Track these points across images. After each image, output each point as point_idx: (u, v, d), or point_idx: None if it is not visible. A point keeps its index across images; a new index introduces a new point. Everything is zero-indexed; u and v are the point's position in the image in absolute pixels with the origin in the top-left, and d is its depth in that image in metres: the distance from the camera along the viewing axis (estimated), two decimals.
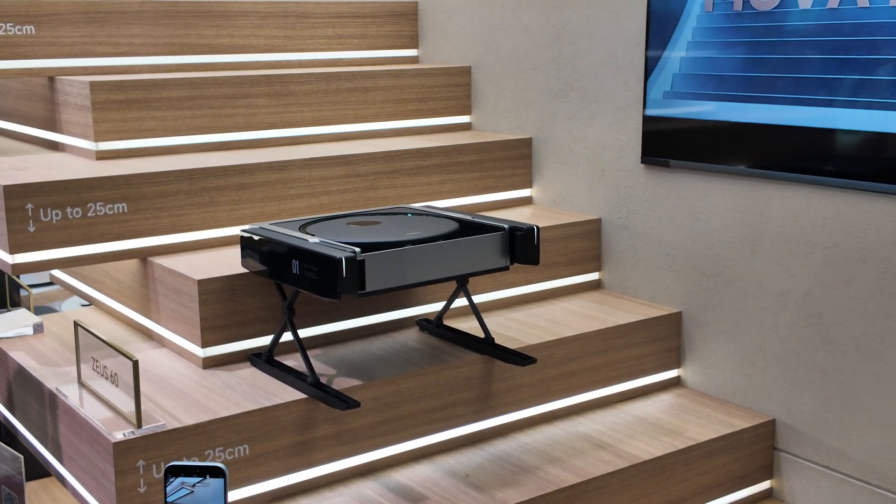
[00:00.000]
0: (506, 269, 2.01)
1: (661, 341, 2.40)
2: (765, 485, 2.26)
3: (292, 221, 2.09)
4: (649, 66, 2.37)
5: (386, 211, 2.21)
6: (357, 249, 1.78)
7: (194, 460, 1.76)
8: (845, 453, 2.10)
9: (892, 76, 1.91)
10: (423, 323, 2.29)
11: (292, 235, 1.92)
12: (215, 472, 1.39)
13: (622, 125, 2.48)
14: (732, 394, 2.32)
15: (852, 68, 1.97)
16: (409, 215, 2.16)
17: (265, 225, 2.04)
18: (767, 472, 2.25)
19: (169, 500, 1.41)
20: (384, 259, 1.81)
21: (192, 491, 1.40)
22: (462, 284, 2.14)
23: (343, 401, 1.86)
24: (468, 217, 2.10)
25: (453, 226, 2.04)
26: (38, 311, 3.19)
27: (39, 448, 2.11)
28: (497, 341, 2.15)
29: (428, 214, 2.17)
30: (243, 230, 2.02)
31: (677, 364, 2.44)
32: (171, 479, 1.40)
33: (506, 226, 2.00)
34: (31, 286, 2.91)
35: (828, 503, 2.15)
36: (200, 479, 1.39)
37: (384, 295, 2.23)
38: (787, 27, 2.08)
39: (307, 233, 1.96)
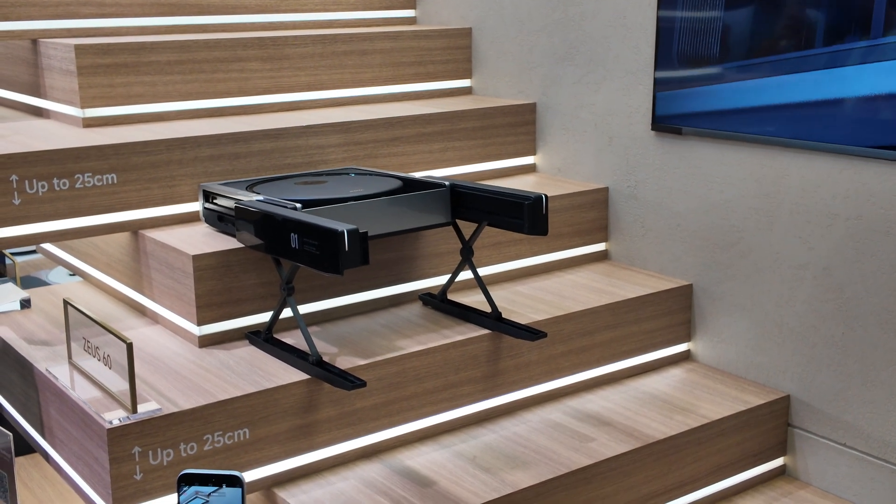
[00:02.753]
0: (448, 224, 2.05)
1: (672, 315, 2.32)
2: (778, 462, 2.20)
3: (241, 181, 2.12)
4: (661, 28, 2.27)
5: (332, 172, 2.24)
6: (298, 206, 1.84)
7: (192, 446, 1.68)
8: (863, 430, 2.04)
9: None
10: (426, 297, 2.20)
11: (242, 196, 1.95)
12: (232, 481, 1.30)
13: (632, 90, 2.38)
14: (746, 369, 2.25)
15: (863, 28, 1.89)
16: (353, 175, 2.20)
17: (212, 184, 2.08)
18: (781, 449, 2.19)
19: None
20: (327, 215, 1.86)
21: (207, 501, 1.31)
22: (467, 256, 2.06)
23: (349, 380, 1.77)
24: (412, 176, 2.15)
25: (396, 184, 2.10)
26: (25, 281, 3.10)
27: (27, 427, 2.03)
28: (503, 316, 2.07)
29: (372, 174, 2.22)
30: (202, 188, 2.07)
31: (687, 338, 2.37)
32: (185, 488, 1.31)
33: (447, 183, 2.04)
34: (15, 254, 2.81)
35: (844, 481, 2.09)
36: (216, 488, 1.30)
37: (386, 269, 2.16)
38: None
39: (254, 192, 2.00)
